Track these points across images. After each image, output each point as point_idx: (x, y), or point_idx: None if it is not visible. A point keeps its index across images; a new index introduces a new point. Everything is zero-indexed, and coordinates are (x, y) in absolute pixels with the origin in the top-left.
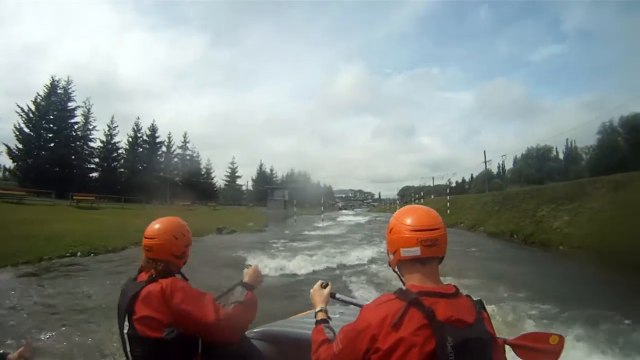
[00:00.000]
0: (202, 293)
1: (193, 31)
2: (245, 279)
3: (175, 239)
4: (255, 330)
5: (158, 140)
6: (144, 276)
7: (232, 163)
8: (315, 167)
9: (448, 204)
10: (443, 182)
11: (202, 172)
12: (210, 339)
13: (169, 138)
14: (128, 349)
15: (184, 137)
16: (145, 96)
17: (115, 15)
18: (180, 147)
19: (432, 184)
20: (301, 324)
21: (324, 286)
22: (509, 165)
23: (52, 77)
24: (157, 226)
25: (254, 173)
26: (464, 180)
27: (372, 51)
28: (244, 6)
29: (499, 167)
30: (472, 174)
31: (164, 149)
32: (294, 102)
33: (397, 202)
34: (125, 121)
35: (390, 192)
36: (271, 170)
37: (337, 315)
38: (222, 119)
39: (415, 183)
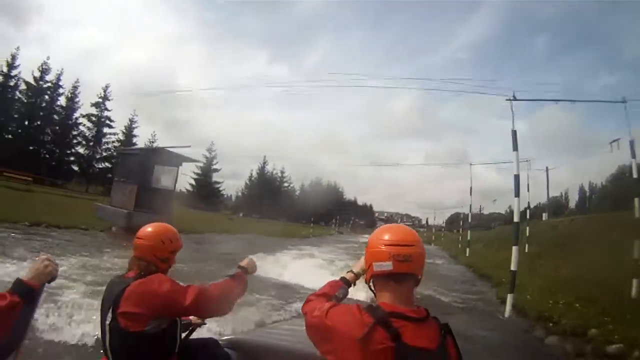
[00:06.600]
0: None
1: (252, 46)
2: (242, 263)
3: (162, 243)
4: (228, 338)
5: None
6: (131, 274)
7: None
8: (364, 189)
9: None
10: (495, 210)
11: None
12: (202, 314)
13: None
14: (107, 340)
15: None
16: (201, 106)
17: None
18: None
19: (484, 212)
20: (276, 334)
21: None
22: (572, 196)
23: None
24: (148, 229)
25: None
26: (523, 209)
27: (429, 75)
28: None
29: (563, 196)
30: (528, 202)
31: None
32: (347, 123)
33: (443, 229)
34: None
35: (439, 219)
36: (282, 171)
37: None
38: (275, 134)
39: (466, 210)
